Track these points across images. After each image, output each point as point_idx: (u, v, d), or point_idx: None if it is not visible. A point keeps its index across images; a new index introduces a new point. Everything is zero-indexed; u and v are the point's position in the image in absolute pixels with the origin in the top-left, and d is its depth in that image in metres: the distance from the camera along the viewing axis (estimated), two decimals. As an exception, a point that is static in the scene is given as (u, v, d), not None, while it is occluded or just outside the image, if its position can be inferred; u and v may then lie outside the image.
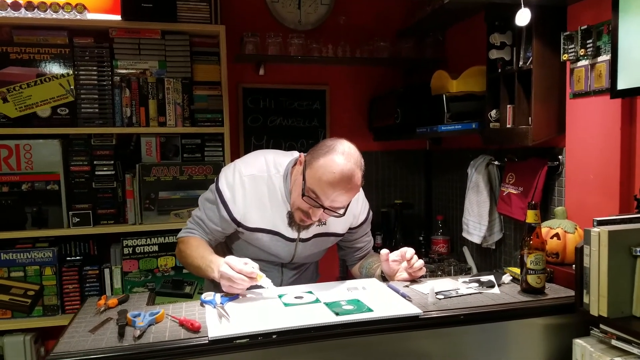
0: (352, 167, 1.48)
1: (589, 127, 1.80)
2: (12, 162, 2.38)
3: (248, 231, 1.64)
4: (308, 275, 1.85)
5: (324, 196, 1.49)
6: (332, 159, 1.48)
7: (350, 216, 1.70)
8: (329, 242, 1.76)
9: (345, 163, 1.47)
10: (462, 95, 2.32)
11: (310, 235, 1.68)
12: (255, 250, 1.69)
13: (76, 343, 1.23)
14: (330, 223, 1.69)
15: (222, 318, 1.34)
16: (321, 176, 1.47)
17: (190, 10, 2.53)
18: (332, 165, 1.47)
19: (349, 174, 1.47)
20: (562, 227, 1.73)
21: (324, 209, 1.51)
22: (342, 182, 1.47)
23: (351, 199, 1.55)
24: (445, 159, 3.01)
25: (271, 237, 1.65)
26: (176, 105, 2.55)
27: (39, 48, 2.40)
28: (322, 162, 1.48)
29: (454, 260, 2.65)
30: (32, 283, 2.43)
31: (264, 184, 1.63)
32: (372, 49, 2.90)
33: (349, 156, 1.49)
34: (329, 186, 1.47)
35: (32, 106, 2.40)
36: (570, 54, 1.81)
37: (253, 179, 1.63)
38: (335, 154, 1.49)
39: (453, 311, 1.42)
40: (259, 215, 1.63)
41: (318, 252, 1.78)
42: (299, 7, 2.94)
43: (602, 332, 1.39)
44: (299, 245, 1.68)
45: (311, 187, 1.49)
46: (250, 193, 1.62)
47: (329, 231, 1.71)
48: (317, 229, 1.68)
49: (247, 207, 1.62)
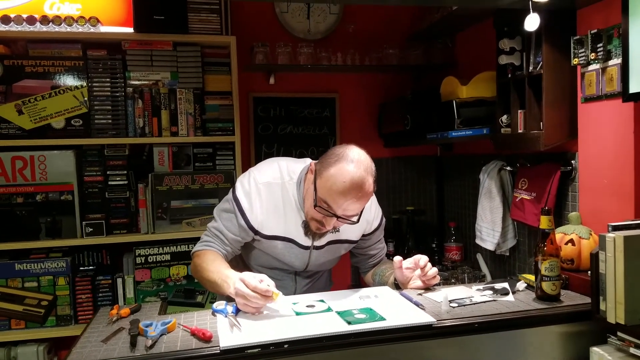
0: (362, 174, 1.47)
1: (601, 131, 1.78)
2: (27, 173, 2.41)
3: (265, 239, 1.64)
4: (321, 283, 1.85)
5: (336, 205, 1.48)
6: (341, 167, 1.47)
7: (363, 222, 1.69)
8: (342, 249, 1.75)
9: (355, 171, 1.46)
10: (472, 100, 2.31)
11: (323, 243, 1.67)
12: (269, 258, 1.69)
13: (89, 353, 1.24)
14: (344, 230, 1.69)
15: (234, 328, 1.34)
16: (332, 186, 1.47)
17: (201, 22, 2.56)
18: (343, 174, 1.46)
19: (359, 182, 1.46)
20: (576, 232, 1.71)
21: (337, 217, 1.51)
22: (353, 190, 1.46)
23: (364, 206, 1.54)
24: (456, 164, 2.99)
25: (286, 244, 1.64)
26: (188, 115, 2.57)
27: (53, 61, 2.43)
28: (332, 172, 1.47)
29: (467, 268, 2.63)
30: (45, 293, 2.45)
31: (278, 191, 1.63)
32: (381, 56, 2.90)
33: (358, 163, 1.48)
34: (340, 195, 1.46)
35: (46, 118, 2.43)
36: (580, 58, 1.80)
37: (268, 186, 1.63)
38: (344, 162, 1.48)
39: (467, 319, 1.40)
40: (275, 222, 1.62)
41: (331, 259, 1.77)
42: (308, 17, 2.96)
43: (619, 339, 1.36)
44: (312, 253, 1.68)
45: (323, 197, 1.49)
46: (266, 200, 1.62)
47: (342, 238, 1.71)
48: (330, 236, 1.67)
49: (264, 215, 1.61)
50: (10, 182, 2.40)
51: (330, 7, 2.96)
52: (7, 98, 2.39)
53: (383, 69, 2.95)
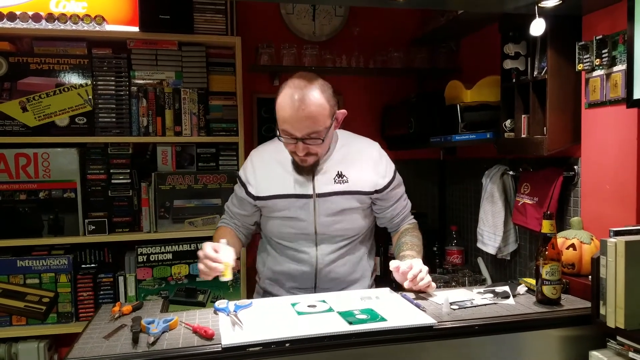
0: (302, 90, 1.54)
1: (604, 137, 1.79)
2: (30, 171, 2.42)
3: (267, 200, 1.71)
4: (353, 261, 1.78)
5: (289, 126, 1.56)
6: (283, 92, 1.57)
7: (371, 173, 1.72)
8: (354, 203, 1.72)
9: (294, 89, 1.55)
10: (476, 105, 2.31)
11: (328, 191, 1.68)
12: (281, 223, 1.73)
13: (90, 349, 1.25)
14: (353, 181, 1.70)
15: (235, 326, 1.35)
16: (279, 111, 1.57)
17: (206, 22, 2.56)
18: (284, 97, 1.56)
19: (300, 97, 1.53)
20: (578, 237, 1.71)
21: (299, 140, 1.57)
22: (295, 105, 1.53)
23: (320, 118, 1.56)
24: (459, 168, 2.99)
25: (288, 200, 1.69)
26: (192, 115, 2.58)
27: (58, 59, 2.44)
28: (279, 100, 1.58)
29: (468, 271, 2.63)
30: (47, 290, 2.45)
31: (270, 152, 1.76)
32: (386, 59, 2.91)
33: (297, 80, 1.57)
34: (287, 115, 1.54)
35: (50, 115, 2.44)
36: (585, 63, 1.80)
37: (258, 151, 1.82)
38: (285, 87, 1.58)
39: (468, 322, 1.41)
40: (271, 181, 1.71)
41: (346, 219, 1.72)
42: (313, 19, 2.97)
43: (619, 344, 1.37)
44: (317, 202, 1.68)
45: (280, 127, 1.59)
46: (258, 164, 1.76)
47: (352, 189, 1.70)
48: (336, 185, 1.68)
49: (258, 178, 1.73)
50: (13, 179, 2.41)
51: (335, 9, 2.97)
52: (11, 95, 2.40)
53: (387, 72, 2.96)
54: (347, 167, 1.71)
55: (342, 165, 1.71)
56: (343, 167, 1.71)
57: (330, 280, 1.74)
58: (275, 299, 1.61)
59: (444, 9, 2.53)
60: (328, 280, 1.74)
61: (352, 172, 1.71)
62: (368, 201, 1.76)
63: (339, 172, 1.70)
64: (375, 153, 1.78)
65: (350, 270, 1.77)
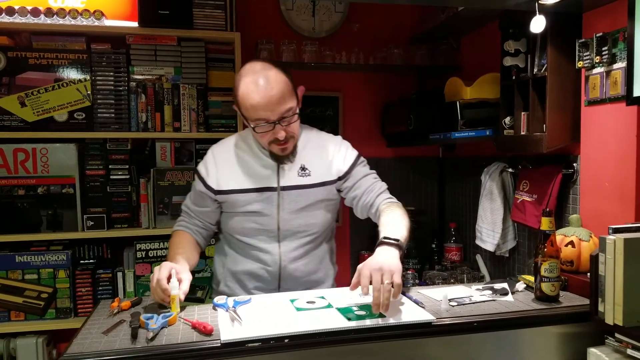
0: (261, 72, 1.54)
1: (604, 135, 1.79)
2: (29, 166, 2.42)
3: (227, 195, 1.67)
4: (316, 260, 1.75)
5: (264, 112, 1.53)
6: (243, 83, 1.55)
7: (331, 161, 1.71)
8: (319, 195, 1.70)
9: (252, 77, 1.54)
10: (476, 102, 2.31)
11: (293, 184, 1.67)
12: (243, 219, 1.68)
13: (89, 344, 1.25)
14: (316, 173, 1.69)
15: (235, 321, 1.35)
16: (246, 101, 1.54)
17: (206, 18, 2.56)
18: (245, 85, 1.54)
19: (263, 79, 1.52)
20: (576, 234, 1.71)
21: (276, 123, 1.55)
22: (262, 88, 1.52)
23: (287, 94, 1.56)
24: (458, 166, 3.00)
25: (251, 194, 1.66)
26: (191, 111, 2.58)
27: (57, 53, 2.44)
28: (239, 94, 1.56)
29: (466, 268, 2.63)
30: (45, 285, 2.45)
31: (232, 145, 1.74)
32: (386, 56, 2.90)
33: (251, 69, 1.56)
34: (258, 102, 1.52)
35: (49, 110, 2.43)
36: (585, 61, 1.80)
37: (220, 144, 1.78)
38: (242, 79, 1.56)
39: (466, 318, 1.41)
40: (233, 175, 1.68)
41: (309, 214, 1.69)
42: (313, 15, 2.96)
43: (617, 341, 1.37)
44: (281, 195, 1.66)
45: (252, 117, 1.56)
46: (219, 158, 1.72)
47: (316, 182, 1.69)
48: (299, 179, 1.67)
49: (219, 172, 1.69)
50: (12, 174, 2.40)
51: (335, 5, 2.96)
52: (10, 90, 2.39)
53: (387, 69, 2.95)
54: (310, 161, 1.70)
55: (304, 159, 1.70)
56: (305, 161, 1.69)
57: (294, 280, 1.70)
58: (274, 295, 1.61)
59: (444, 5, 2.53)
60: (292, 280, 1.70)
61: (314, 165, 1.70)
62: (334, 191, 1.73)
63: (302, 165, 1.69)
64: (337, 143, 1.76)
65: (314, 269, 1.74)
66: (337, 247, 1.91)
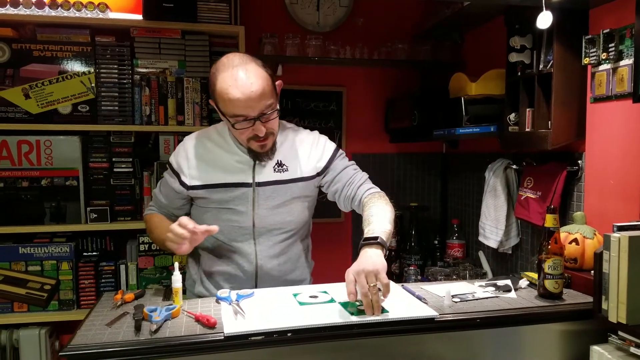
0: (238, 67, 1.49)
1: (609, 132, 1.78)
2: (33, 158, 2.42)
3: (199, 190, 1.63)
4: (293, 258, 1.71)
5: (244, 108, 1.49)
6: (220, 79, 1.50)
7: (309, 157, 1.68)
8: (296, 191, 1.66)
9: (231, 71, 1.48)
10: (480, 98, 2.30)
11: (268, 179, 1.63)
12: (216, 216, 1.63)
13: (93, 336, 1.25)
14: (293, 168, 1.66)
15: (238, 315, 1.35)
16: (224, 96, 1.49)
17: (210, 11, 2.55)
18: (224, 82, 1.48)
19: (243, 74, 1.48)
20: (580, 232, 1.71)
21: (255, 119, 1.51)
22: (242, 83, 1.47)
23: (267, 90, 1.51)
24: (462, 162, 2.99)
25: (225, 189, 1.61)
26: (194, 105, 2.57)
27: (61, 46, 2.43)
28: (217, 89, 1.51)
29: (469, 265, 2.63)
30: (48, 277, 2.46)
31: (206, 138, 1.68)
32: (390, 51, 2.89)
33: (230, 62, 1.51)
34: (238, 97, 1.47)
35: (53, 103, 2.43)
36: (591, 57, 1.79)
37: (193, 137, 1.71)
38: (219, 74, 1.51)
39: (469, 314, 1.41)
40: (206, 169, 1.63)
41: (285, 210, 1.66)
42: (317, 9, 2.95)
43: (620, 339, 1.37)
44: (256, 191, 1.62)
45: (231, 113, 1.51)
46: (192, 151, 1.66)
47: (293, 177, 1.65)
48: (276, 174, 1.64)
49: (191, 166, 1.64)
50: (15, 166, 2.41)
51: (340, 0, 2.95)
52: (14, 82, 2.39)
53: (391, 64, 2.94)
54: (286, 156, 1.66)
55: (280, 154, 1.66)
56: (282, 156, 1.66)
57: (271, 279, 1.65)
58: (276, 289, 1.61)
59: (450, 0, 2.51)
60: (269, 279, 1.65)
61: (291, 160, 1.66)
62: (312, 187, 1.71)
63: (279, 161, 1.65)
64: (314, 138, 1.74)
65: (291, 268, 1.70)
66: (339, 243, 1.91)
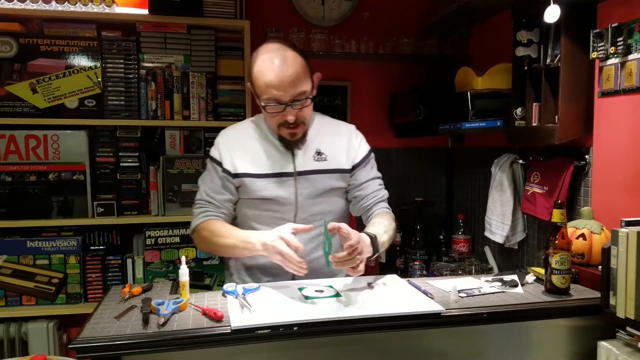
0: (279, 52, 1.53)
1: (617, 127, 1.77)
2: (40, 152, 2.43)
3: (242, 178, 1.63)
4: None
5: (277, 91, 1.51)
6: (259, 61, 1.54)
7: (347, 148, 1.71)
8: (334, 182, 1.68)
9: (269, 55, 1.53)
10: (487, 92, 2.29)
11: (309, 169, 1.64)
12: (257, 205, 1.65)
13: (102, 329, 1.26)
14: (331, 158, 1.68)
15: (244, 308, 1.35)
16: (260, 78, 1.53)
17: (215, 5, 2.55)
18: (262, 63, 1.53)
19: (280, 58, 1.51)
20: (588, 227, 1.70)
21: (287, 105, 1.53)
22: (277, 67, 1.51)
23: (303, 77, 1.54)
24: (467, 157, 2.98)
25: (267, 179, 1.62)
26: (200, 99, 2.58)
27: (68, 40, 2.44)
28: (255, 70, 1.55)
29: (475, 260, 2.63)
30: (56, 271, 2.48)
31: (244, 130, 1.71)
32: (395, 45, 2.88)
33: (269, 47, 1.55)
34: (272, 80, 1.51)
35: (60, 97, 2.44)
36: (599, 51, 1.78)
37: (232, 128, 1.74)
38: (259, 56, 1.55)
39: (475, 309, 1.41)
40: (248, 159, 1.64)
41: (325, 200, 1.67)
42: (322, 3, 2.94)
43: (628, 334, 1.36)
44: (298, 181, 1.63)
45: (264, 96, 1.54)
46: (232, 141, 1.68)
47: (332, 167, 1.67)
48: (315, 163, 1.65)
49: (232, 156, 1.65)
50: (23, 160, 2.43)
51: (345, -6, 2.95)
52: (21, 76, 2.41)
53: (397, 59, 2.93)
54: (325, 145, 1.68)
55: (319, 144, 1.68)
56: (321, 145, 1.68)
57: (310, 272, 1.53)
58: (282, 283, 1.61)
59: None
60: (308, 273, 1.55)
61: (329, 149, 1.68)
62: (347, 178, 1.72)
63: (318, 150, 1.67)
64: (351, 131, 1.77)
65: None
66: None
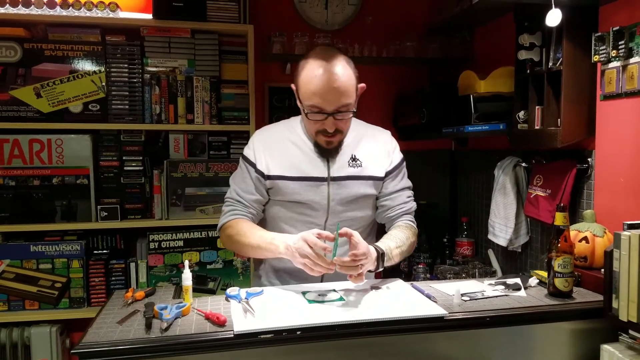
0: (329, 62, 1.50)
1: (619, 129, 1.77)
2: (44, 156, 2.44)
3: (277, 180, 1.62)
4: None
5: (321, 101, 1.50)
6: (309, 66, 1.52)
7: (382, 156, 1.70)
8: (368, 188, 1.67)
9: (321, 61, 1.50)
10: (489, 95, 2.29)
11: (343, 174, 1.63)
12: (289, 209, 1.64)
13: (104, 334, 1.26)
14: (366, 165, 1.66)
15: (247, 313, 1.36)
16: (308, 84, 1.51)
17: (219, 10, 2.56)
18: (312, 69, 1.51)
19: (329, 69, 1.49)
20: (590, 230, 1.70)
21: (329, 115, 1.52)
22: (327, 77, 1.48)
23: (350, 90, 1.53)
24: (471, 159, 2.98)
25: (300, 183, 1.61)
26: (204, 103, 2.59)
27: (72, 45, 2.45)
28: (304, 74, 1.53)
29: (478, 263, 2.62)
30: (59, 275, 2.48)
31: (279, 131, 1.70)
32: (399, 49, 2.89)
33: (322, 54, 1.53)
34: (319, 90, 1.49)
35: (64, 102, 2.46)
36: (601, 55, 1.78)
37: (267, 129, 1.75)
38: (310, 61, 1.53)
39: (479, 313, 1.41)
40: (282, 161, 1.63)
41: (357, 206, 1.66)
42: (326, 7, 2.95)
43: (631, 337, 1.36)
44: (331, 186, 1.62)
45: (308, 103, 1.53)
46: (267, 142, 1.67)
47: (366, 174, 1.66)
48: (350, 169, 1.64)
49: (266, 157, 1.64)
50: (27, 164, 2.43)
51: (348, -2, 2.95)
52: (26, 81, 2.42)
53: (400, 62, 2.93)
54: (360, 151, 1.68)
55: (355, 149, 1.67)
56: (356, 151, 1.67)
57: (338, 276, 1.54)
58: (285, 287, 1.61)
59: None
60: (334, 275, 1.54)
61: (365, 156, 1.67)
62: (379, 186, 1.70)
63: (353, 155, 1.66)
64: (388, 138, 1.77)
65: None
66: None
